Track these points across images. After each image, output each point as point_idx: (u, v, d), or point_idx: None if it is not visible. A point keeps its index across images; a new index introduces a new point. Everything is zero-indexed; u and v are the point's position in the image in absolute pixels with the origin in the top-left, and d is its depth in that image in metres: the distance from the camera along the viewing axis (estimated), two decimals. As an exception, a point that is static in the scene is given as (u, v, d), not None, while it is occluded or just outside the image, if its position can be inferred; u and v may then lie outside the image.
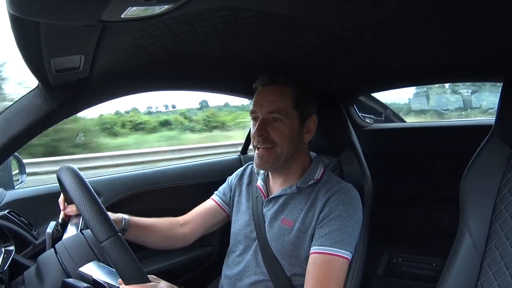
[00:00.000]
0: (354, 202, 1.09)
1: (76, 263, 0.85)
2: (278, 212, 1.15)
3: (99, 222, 0.76)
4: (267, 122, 1.11)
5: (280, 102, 1.10)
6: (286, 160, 1.13)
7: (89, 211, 0.77)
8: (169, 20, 0.79)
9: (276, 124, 1.10)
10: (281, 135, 1.10)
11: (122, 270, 0.73)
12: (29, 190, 1.43)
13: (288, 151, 1.12)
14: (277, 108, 1.10)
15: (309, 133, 1.16)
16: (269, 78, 1.13)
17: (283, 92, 1.11)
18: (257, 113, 1.13)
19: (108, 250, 0.74)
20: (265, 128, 1.10)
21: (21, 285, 0.88)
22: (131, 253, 0.75)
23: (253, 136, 1.13)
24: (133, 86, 1.23)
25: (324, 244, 1.04)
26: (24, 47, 0.73)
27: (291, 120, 1.11)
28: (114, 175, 1.62)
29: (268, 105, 1.10)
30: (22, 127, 0.95)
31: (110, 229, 0.75)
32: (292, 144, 1.12)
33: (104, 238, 0.74)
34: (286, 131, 1.10)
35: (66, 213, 1.04)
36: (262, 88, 1.14)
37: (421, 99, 4.29)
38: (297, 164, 1.17)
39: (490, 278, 0.95)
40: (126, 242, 0.77)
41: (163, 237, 1.23)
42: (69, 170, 0.85)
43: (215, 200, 1.33)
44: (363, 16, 0.82)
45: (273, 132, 1.10)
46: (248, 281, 1.15)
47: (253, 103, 1.14)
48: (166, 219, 1.26)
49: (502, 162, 1.01)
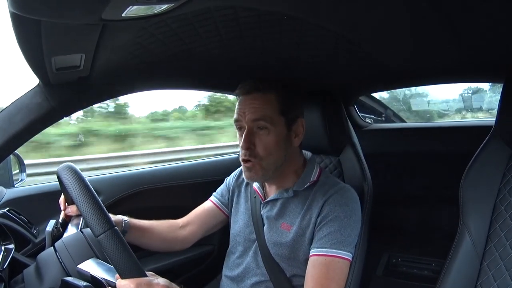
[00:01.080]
0: (352, 203, 1.08)
1: (75, 261, 0.85)
2: (278, 216, 1.14)
3: (96, 215, 0.75)
4: (253, 132, 1.06)
5: (265, 109, 1.05)
6: (276, 169, 1.10)
7: (86, 205, 0.77)
8: (169, 19, 0.79)
9: (262, 134, 1.06)
10: (267, 148, 1.06)
11: (118, 264, 0.73)
12: (29, 189, 1.43)
13: (277, 161, 1.09)
14: (263, 115, 1.05)
15: (297, 137, 1.12)
16: (250, 85, 1.08)
17: (267, 99, 1.06)
18: (241, 121, 1.08)
19: (104, 244, 0.73)
20: (251, 140, 1.06)
21: (20, 283, 0.88)
22: (128, 248, 0.74)
23: (240, 148, 1.08)
24: (134, 85, 1.23)
25: (323, 246, 1.03)
26: (24, 45, 0.73)
27: (278, 127, 1.07)
28: (114, 174, 1.63)
29: (252, 112, 1.05)
30: (23, 125, 0.95)
31: (106, 223, 0.75)
32: (281, 152, 1.09)
33: (100, 232, 0.74)
34: (272, 141, 1.06)
35: (66, 213, 1.04)
36: (244, 96, 1.09)
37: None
38: (289, 169, 1.14)
39: (489, 279, 0.95)
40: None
41: (163, 239, 1.22)
42: (68, 167, 0.85)
43: (213, 202, 1.33)
44: (364, 16, 0.82)
45: (258, 144, 1.06)
46: (249, 282, 1.15)
47: (236, 112, 1.09)
48: (166, 222, 1.26)
49: (502, 163, 1.01)
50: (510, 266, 0.92)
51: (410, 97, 3.60)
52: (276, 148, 1.07)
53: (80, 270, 0.82)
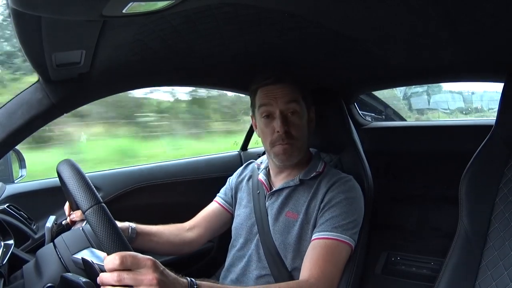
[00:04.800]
0: (354, 191, 1.12)
1: (71, 251, 0.85)
2: (282, 205, 1.16)
3: (84, 191, 0.74)
4: (286, 116, 1.12)
5: (294, 93, 1.13)
6: (305, 151, 1.18)
7: (75, 183, 0.76)
8: (170, 16, 0.79)
9: (294, 118, 1.13)
10: (300, 129, 1.14)
11: (104, 239, 0.71)
12: (28, 185, 1.43)
13: (305, 143, 1.18)
14: (294, 97, 1.12)
15: (312, 123, 1.21)
16: (276, 76, 1.13)
17: (292, 86, 1.13)
18: (272, 106, 1.12)
19: (90, 219, 0.72)
20: (287, 123, 1.12)
21: (20, 279, 0.88)
22: (115, 224, 0.73)
23: (274, 133, 1.12)
24: (134, 81, 1.23)
25: (324, 229, 1.05)
26: (25, 42, 0.73)
27: (303, 111, 1.15)
28: (114, 170, 1.63)
29: (283, 96, 1.12)
30: (23, 121, 0.95)
31: (93, 198, 0.74)
32: (308, 134, 1.18)
33: (87, 206, 0.73)
34: (302, 123, 1.14)
35: (71, 219, 1.05)
36: (271, 86, 1.13)
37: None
38: (304, 156, 1.20)
39: (488, 278, 0.95)
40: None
41: (171, 243, 1.22)
42: (66, 162, 0.85)
43: (218, 202, 1.34)
44: (364, 14, 0.81)
45: (293, 127, 1.12)
46: (250, 276, 1.15)
47: (262, 99, 1.14)
48: (173, 225, 1.26)
49: (501, 162, 1.01)
50: (509, 265, 0.92)
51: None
52: (305, 130, 1.17)
53: (74, 259, 0.83)
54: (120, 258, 0.67)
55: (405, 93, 2.93)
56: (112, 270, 0.68)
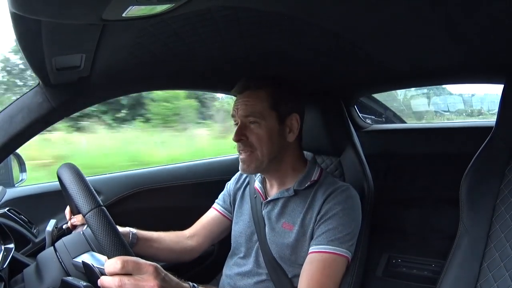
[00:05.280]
0: (351, 201, 1.09)
1: (71, 255, 0.86)
2: (279, 216, 1.15)
3: (84, 194, 0.75)
4: (245, 126, 1.12)
5: (255, 105, 1.11)
6: (270, 162, 1.12)
7: (75, 186, 0.76)
8: (170, 19, 0.79)
9: (253, 127, 1.11)
10: (258, 138, 1.11)
11: (104, 242, 0.71)
12: (29, 188, 1.44)
13: (269, 153, 1.11)
14: (252, 111, 1.11)
15: (292, 133, 1.14)
16: (242, 85, 1.14)
17: (258, 95, 1.12)
18: (235, 117, 1.15)
19: (91, 222, 0.72)
20: (243, 132, 1.11)
21: (20, 282, 0.88)
22: (115, 227, 0.73)
23: (234, 141, 1.14)
24: (134, 85, 1.23)
25: (320, 243, 1.04)
26: (25, 46, 0.74)
27: (269, 121, 1.11)
28: (114, 174, 1.63)
29: (243, 109, 1.12)
30: (23, 125, 0.95)
31: (94, 201, 0.74)
32: (273, 145, 1.11)
33: (87, 210, 0.73)
34: (263, 133, 1.10)
35: (72, 223, 1.06)
36: (238, 95, 1.16)
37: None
38: (286, 165, 1.16)
39: (489, 280, 0.94)
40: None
41: (171, 250, 1.22)
42: (66, 165, 0.85)
43: (217, 209, 1.33)
44: (364, 16, 0.82)
45: (251, 135, 1.11)
46: (250, 281, 1.15)
47: (232, 109, 1.16)
48: (173, 233, 1.26)
49: (502, 164, 1.01)
50: (510, 266, 0.92)
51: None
52: (268, 140, 1.11)
53: (74, 263, 0.83)
54: (122, 263, 0.67)
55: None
56: (113, 274, 0.68)
